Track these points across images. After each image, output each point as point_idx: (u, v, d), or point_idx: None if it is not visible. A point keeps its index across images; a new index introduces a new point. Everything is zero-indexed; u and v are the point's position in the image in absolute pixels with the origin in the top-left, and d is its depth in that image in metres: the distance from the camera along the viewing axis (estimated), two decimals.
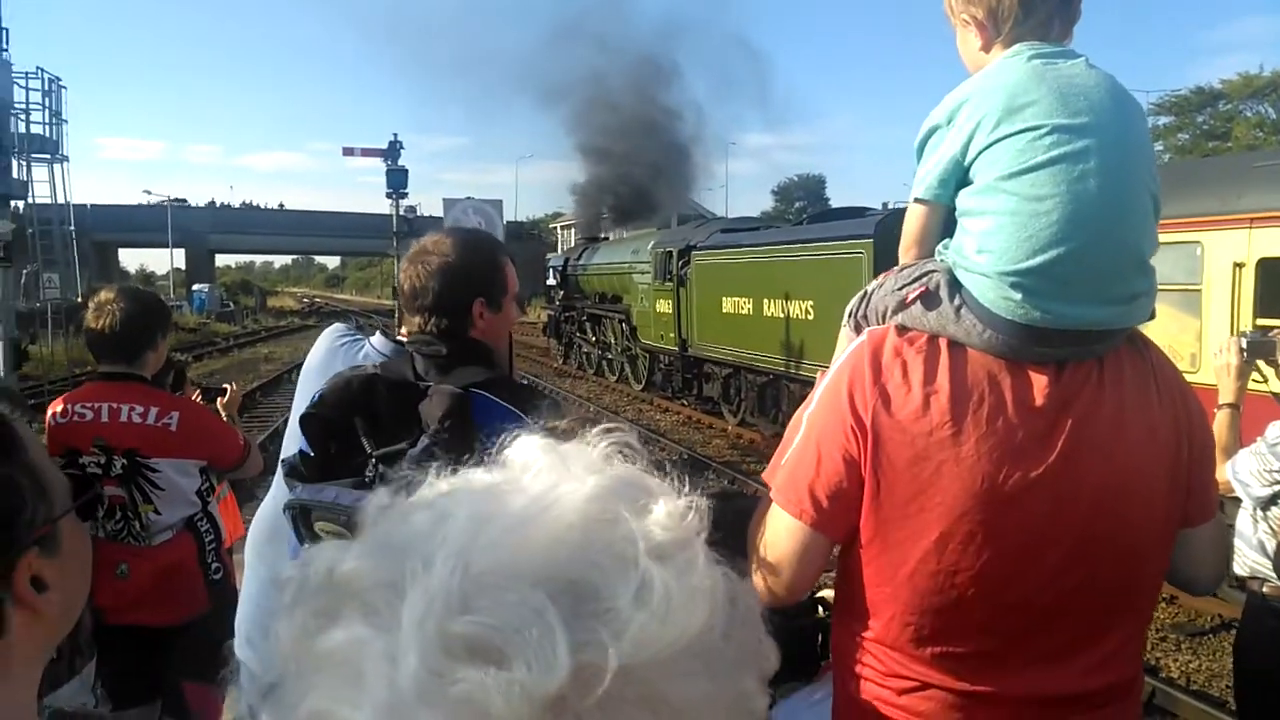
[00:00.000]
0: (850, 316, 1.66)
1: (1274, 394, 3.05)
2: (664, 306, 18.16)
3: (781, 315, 13.78)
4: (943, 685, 1.45)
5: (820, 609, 2.01)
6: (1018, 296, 1.39)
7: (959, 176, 1.49)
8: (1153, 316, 1.49)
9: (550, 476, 0.64)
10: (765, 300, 14.29)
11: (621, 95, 33.89)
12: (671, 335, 17.86)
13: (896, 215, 12.29)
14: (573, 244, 29.78)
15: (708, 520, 0.65)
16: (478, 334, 2.15)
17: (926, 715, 1.46)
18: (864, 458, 1.42)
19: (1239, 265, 6.62)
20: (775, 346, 13.94)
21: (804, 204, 66.61)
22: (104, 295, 3.08)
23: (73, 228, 23.54)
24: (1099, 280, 1.41)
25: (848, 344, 1.59)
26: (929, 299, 1.48)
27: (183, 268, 69.92)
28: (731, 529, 1.84)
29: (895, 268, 1.61)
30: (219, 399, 3.67)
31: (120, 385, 3.02)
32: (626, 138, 32.40)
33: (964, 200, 1.48)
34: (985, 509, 1.38)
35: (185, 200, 73.15)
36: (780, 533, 1.49)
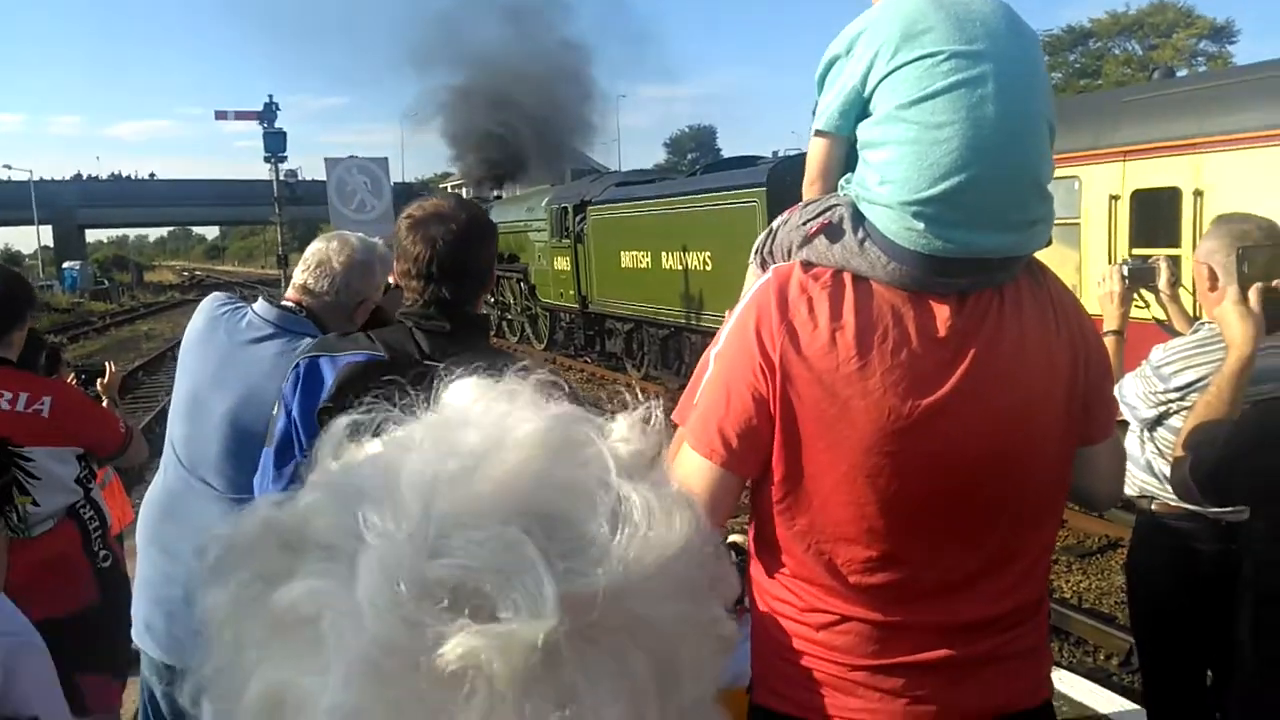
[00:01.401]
0: (756, 254, 1.65)
1: (1156, 320, 3.17)
2: (562, 264, 18.01)
3: (680, 267, 13.83)
4: (859, 617, 1.47)
5: (733, 554, 2.02)
6: (920, 226, 1.38)
7: (859, 108, 1.48)
8: (1049, 243, 1.51)
9: (499, 407, 0.60)
10: (663, 253, 14.30)
11: (504, 48, 33.20)
12: (571, 293, 17.74)
13: (788, 162, 12.42)
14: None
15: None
16: (479, 306, 2.08)
17: (844, 649, 1.48)
18: (773, 395, 1.42)
19: (1114, 198, 6.90)
20: (675, 299, 13.99)
21: (697, 155, 66.86)
22: None
23: None
24: (999, 207, 1.41)
25: (755, 281, 1.58)
26: (832, 232, 1.47)
27: (51, 245, 66.12)
28: None
29: (800, 203, 1.59)
30: (98, 381, 3.45)
31: None
32: (509, 91, 31.83)
33: (864, 131, 1.47)
34: (892, 440, 1.39)
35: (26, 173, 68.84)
36: (691, 472, 1.47)
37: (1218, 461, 1.93)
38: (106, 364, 3.63)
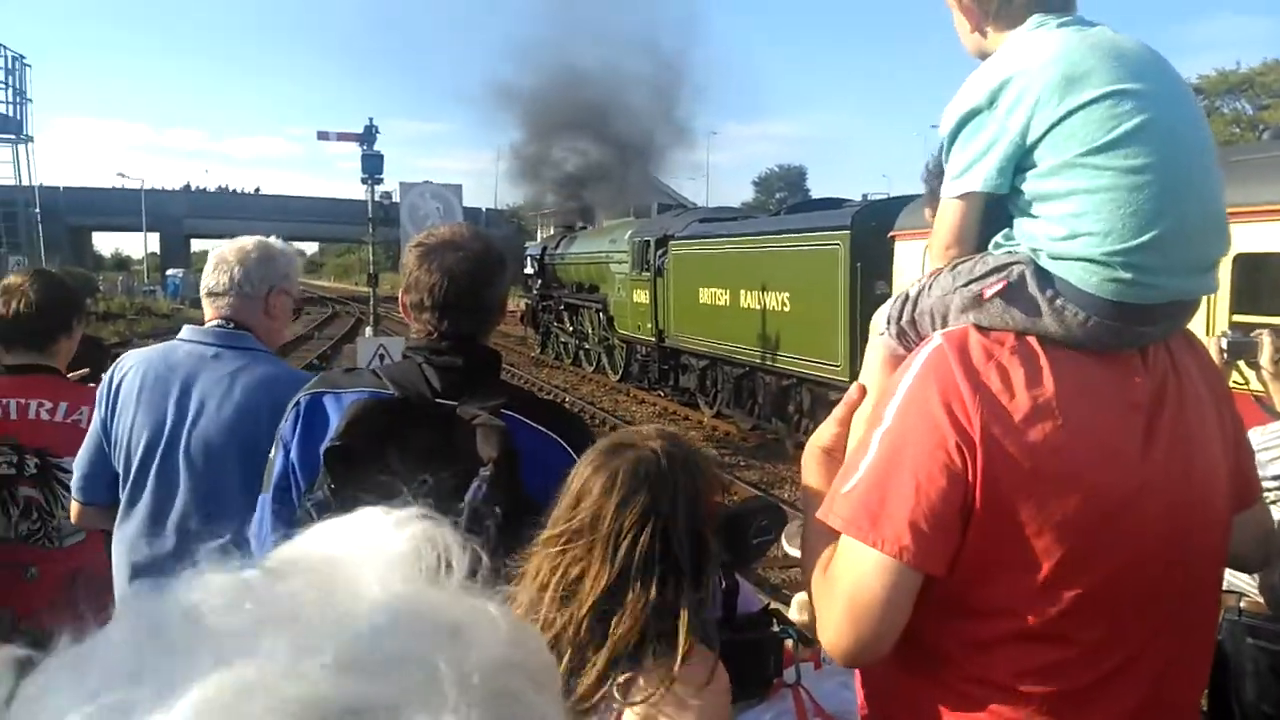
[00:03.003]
0: (889, 323, 1.48)
1: (1254, 395, 2.93)
2: (641, 296, 18.01)
3: (758, 306, 13.66)
4: None
5: (775, 622, 1.87)
6: (1128, 277, 1.28)
7: (1018, 160, 1.34)
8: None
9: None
10: (742, 291, 14.16)
11: (597, 83, 33.68)
12: (648, 325, 17.71)
13: (874, 206, 12.20)
14: (551, 232, 29.57)
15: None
16: (489, 340, 1.98)
17: None
18: (975, 477, 1.25)
19: None
20: (752, 338, 13.82)
21: (784, 195, 66.66)
22: (13, 279, 2.89)
23: (38, 210, 23.12)
24: (1197, 246, 1.33)
25: (887, 355, 1.45)
26: (1012, 293, 1.32)
27: (158, 252, 69.10)
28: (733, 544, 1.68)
29: (942, 268, 1.43)
30: None
31: (28, 379, 2.83)
32: (597, 124, 32.29)
33: (1033, 184, 1.34)
34: (1106, 521, 1.27)
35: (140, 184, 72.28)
36: (869, 575, 1.29)
37: None
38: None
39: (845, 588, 1.31)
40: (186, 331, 2.59)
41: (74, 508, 2.60)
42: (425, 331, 1.92)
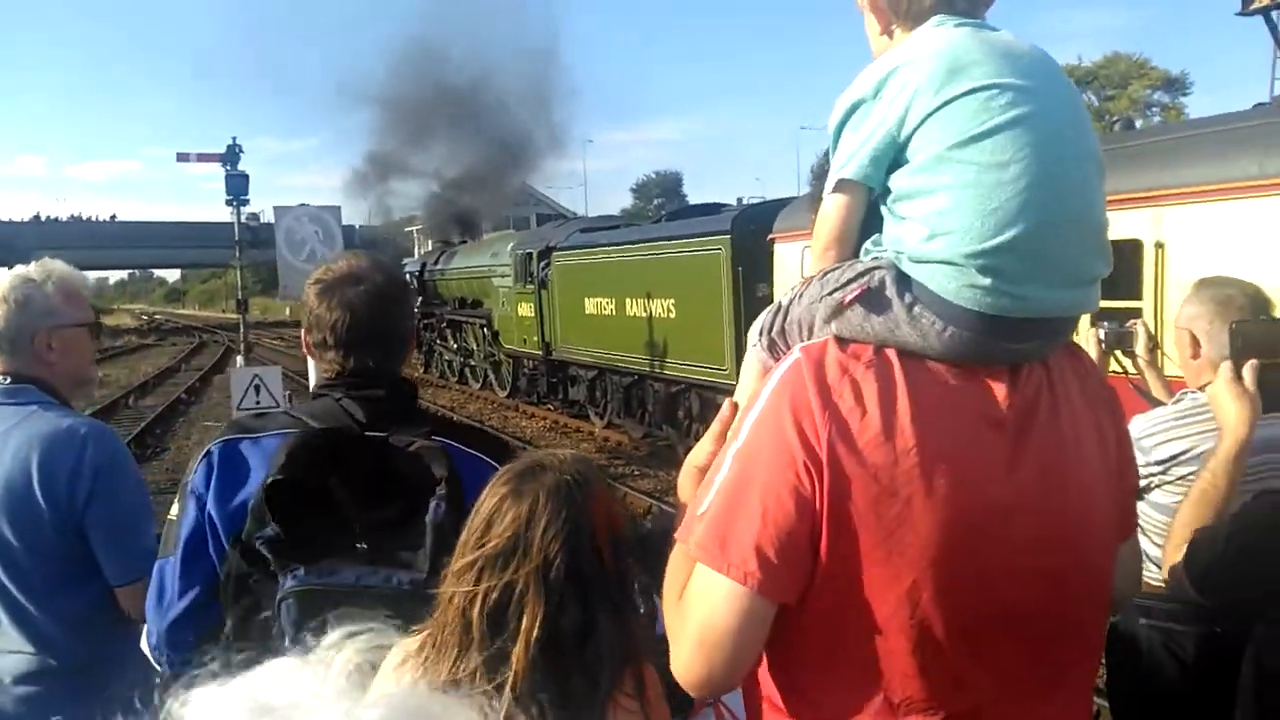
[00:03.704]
0: (761, 335, 1.41)
1: (1132, 382, 3.04)
2: (526, 310, 17.85)
3: (644, 315, 13.71)
4: None
5: None
6: (986, 282, 1.19)
7: (893, 155, 1.26)
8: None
9: None
10: (627, 300, 14.18)
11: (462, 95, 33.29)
12: (535, 339, 17.56)
13: (753, 210, 12.43)
14: (429, 248, 29.07)
15: None
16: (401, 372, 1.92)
17: None
18: (821, 499, 1.18)
19: None
20: (639, 347, 13.85)
21: (662, 201, 67.35)
22: None
23: None
24: (1069, 257, 1.23)
25: (761, 368, 1.37)
26: (873, 300, 1.25)
27: None
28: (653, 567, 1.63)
29: (813, 275, 1.36)
30: None
31: None
32: (466, 135, 32.00)
33: (903, 181, 1.26)
34: (963, 545, 1.18)
35: None
36: (718, 602, 1.22)
37: (1222, 560, 1.77)
38: None
39: (696, 615, 1.24)
40: None
41: None
42: (333, 370, 1.85)
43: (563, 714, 1.31)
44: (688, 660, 1.25)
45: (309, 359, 1.90)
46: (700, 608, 1.24)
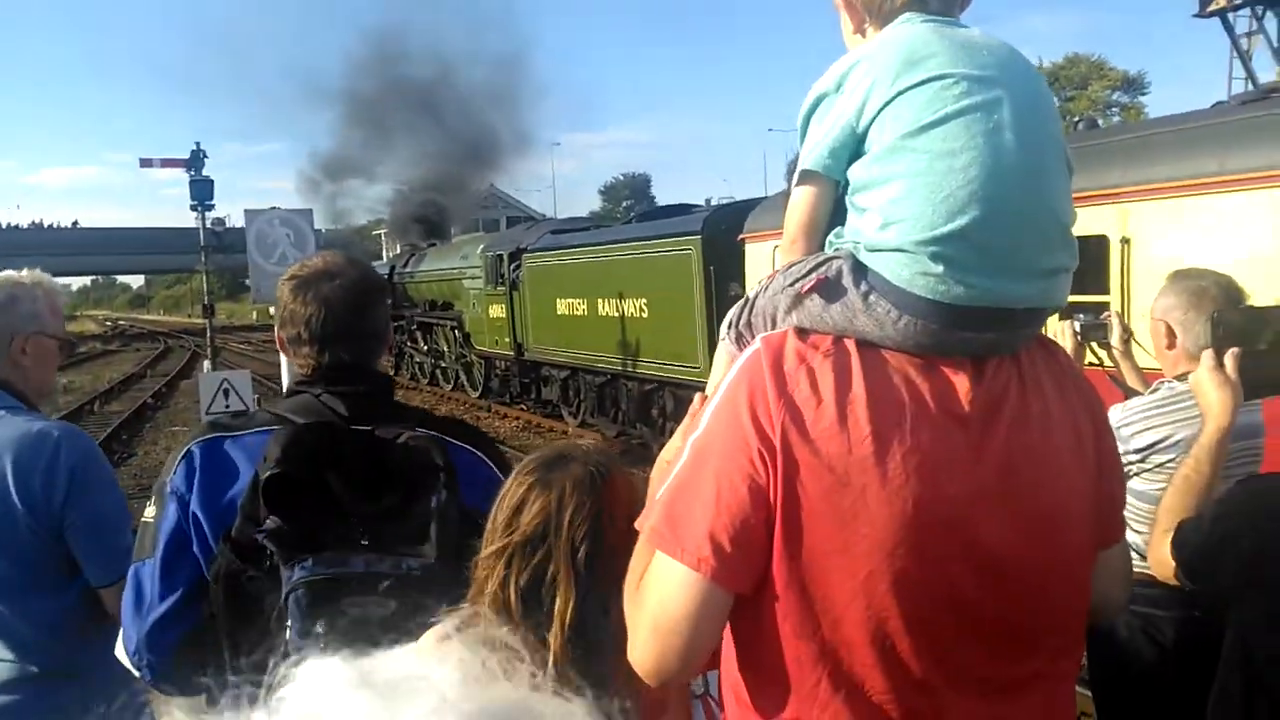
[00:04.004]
0: (730, 328, 1.42)
1: (1108, 374, 3.09)
2: (497, 311, 17.79)
3: (616, 315, 13.71)
4: None
5: None
6: (938, 269, 1.18)
7: (853, 147, 1.27)
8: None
9: None
10: (599, 300, 14.18)
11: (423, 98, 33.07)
12: (506, 340, 17.51)
13: (723, 210, 12.45)
14: (397, 251, 28.86)
15: None
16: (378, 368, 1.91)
17: None
18: (774, 487, 1.18)
19: None
20: (612, 346, 13.85)
21: (631, 202, 67.40)
22: None
23: None
24: (1023, 247, 1.22)
25: (730, 360, 1.36)
26: (829, 290, 1.25)
27: None
28: None
29: (780, 268, 1.37)
30: None
31: None
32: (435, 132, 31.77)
33: (860, 171, 1.26)
34: (920, 537, 1.16)
35: None
36: (673, 589, 1.21)
37: (1206, 546, 1.80)
38: None
39: (652, 601, 1.24)
40: None
41: None
42: (309, 366, 1.83)
43: (597, 690, 1.33)
44: (643, 647, 1.25)
45: (282, 358, 1.89)
46: (655, 594, 1.23)
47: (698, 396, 1.42)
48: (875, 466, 1.16)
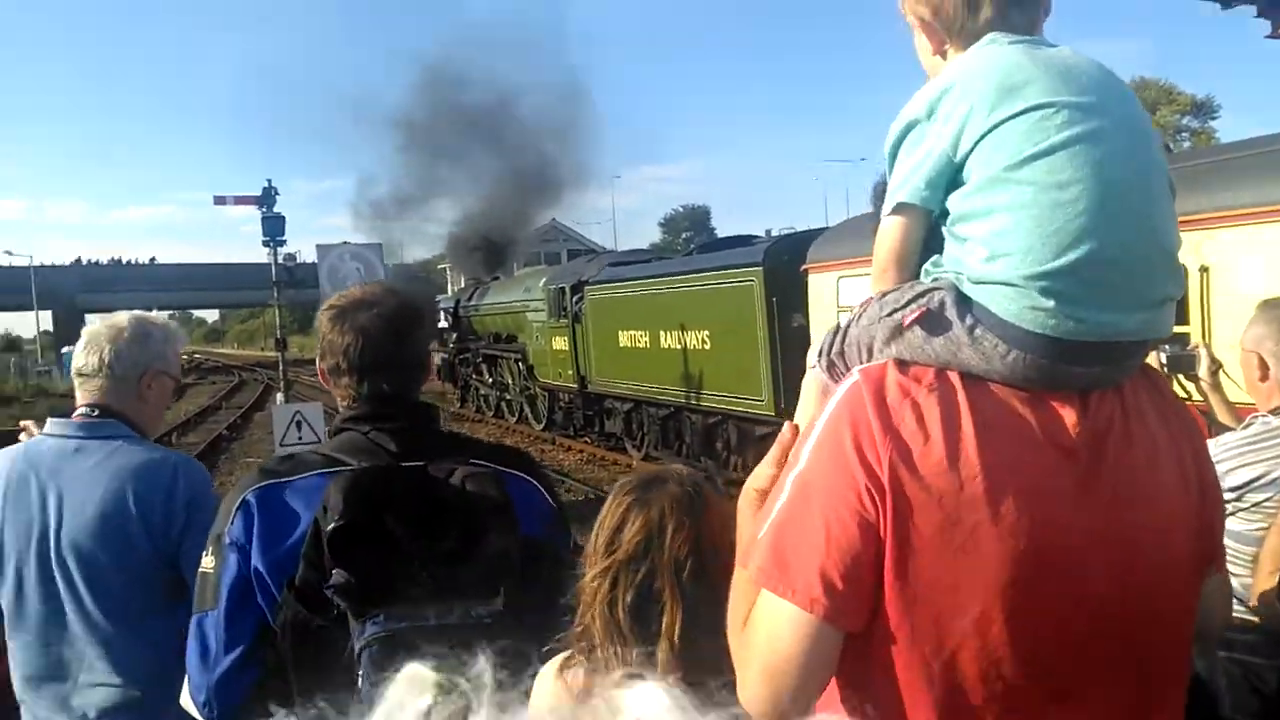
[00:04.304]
0: (820, 356, 1.39)
1: (1197, 408, 2.98)
2: (560, 344, 17.91)
3: (678, 347, 13.71)
4: None
5: None
6: (1048, 304, 1.16)
7: (950, 176, 1.25)
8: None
9: None
10: (661, 332, 14.20)
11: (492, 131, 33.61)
12: (570, 372, 17.61)
13: (784, 241, 12.40)
14: (462, 285, 29.30)
15: None
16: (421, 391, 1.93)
17: None
18: (884, 524, 1.15)
19: None
20: (675, 378, 13.84)
21: (691, 234, 67.62)
22: None
23: None
24: (1135, 279, 1.20)
25: (819, 389, 1.36)
26: (932, 322, 1.22)
27: (51, 330, 66.33)
28: None
29: (873, 296, 1.35)
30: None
31: None
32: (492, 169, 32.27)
33: (960, 203, 1.24)
34: (1032, 574, 1.15)
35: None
36: (783, 630, 1.19)
37: None
38: (26, 425, 3.29)
39: (760, 642, 1.22)
40: (50, 424, 2.43)
41: None
42: (348, 397, 1.83)
43: (703, 703, 1.35)
44: (754, 689, 1.22)
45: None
46: (764, 634, 1.21)
47: (786, 425, 1.39)
48: (987, 504, 1.14)
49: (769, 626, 1.20)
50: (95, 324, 2.48)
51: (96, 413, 2.39)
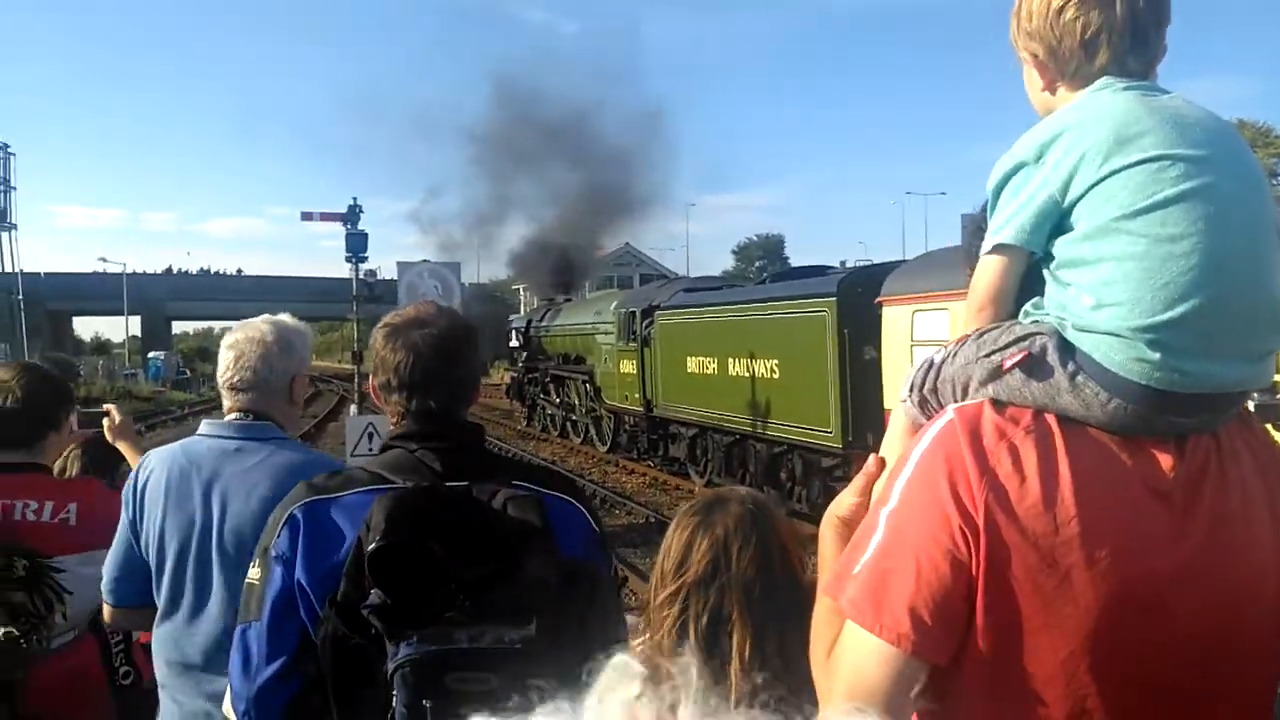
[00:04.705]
0: (913, 390, 1.39)
1: None
2: (628, 367, 17.99)
3: (747, 374, 13.66)
4: None
5: None
6: (1155, 356, 1.17)
7: (1055, 220, 1.26)
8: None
9: None
10: (730, 359, 14.17)
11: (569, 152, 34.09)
12: (636, 396, 17.67)
13: (859, 273, 12.30)
14: (535, 305, 29.68)
15: None
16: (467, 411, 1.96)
17: None
18: (977, 565, 1.17)
19: None
20: (741, 406, 13.78)
21: (764, 263, 67.46)
22: (1, 374, 2.78)
23: (20, 296, 23.01)
24: (1240, 332, 1.21)
25: (910, 424, 1.37)
26: (1034, 366, 1.23)
27: (139, 335, 68.96)
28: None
29: (970, 333, 1.35)
30: (105, 427, 3.19)
31: (13, 479, 2.70)
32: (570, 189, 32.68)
33: (1066, 249, 1.25)
34: (1123, 619, 1.16)
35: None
36: (870, 663, 1.20)
37: None
38: (109, 408, 3.30)
39: (846, 673, 1.23)
40: (205, 426, 2.53)
41: (106, 610, 2.53)
42: (398, 413, 1.86)
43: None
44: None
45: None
46: (850, 666, 1.22)
47: (872, 457, 1.41)
48: (1082, 548, 1.15)
49: (855, 657, 1.21)
50: (237, 334, 2.54)
51: (251, 416, 2.49)
